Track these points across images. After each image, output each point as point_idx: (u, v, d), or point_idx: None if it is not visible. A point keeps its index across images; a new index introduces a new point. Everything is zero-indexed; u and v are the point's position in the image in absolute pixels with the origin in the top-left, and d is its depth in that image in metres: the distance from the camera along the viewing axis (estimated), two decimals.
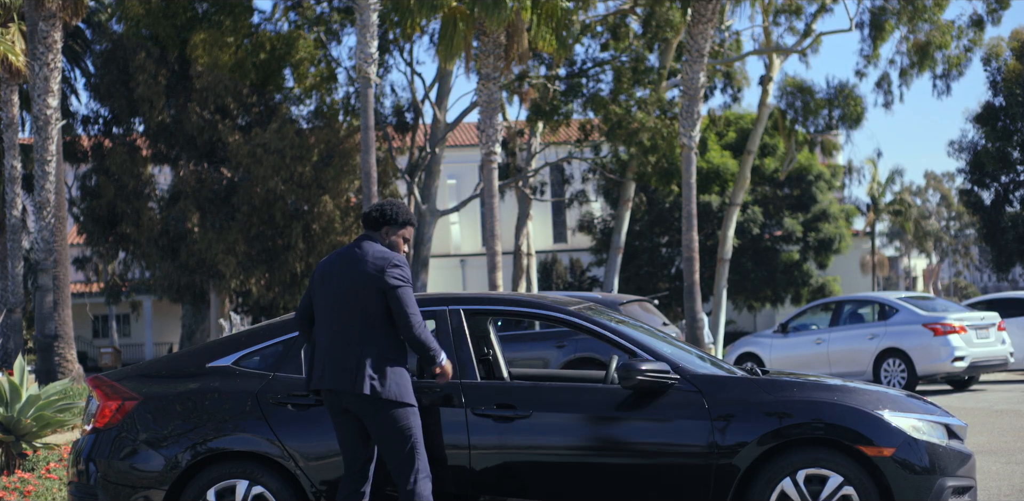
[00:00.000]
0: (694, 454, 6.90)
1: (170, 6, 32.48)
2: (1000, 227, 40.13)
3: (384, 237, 7.06)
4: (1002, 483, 9.95)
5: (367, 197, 24.07)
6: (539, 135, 36.85)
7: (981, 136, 40.23)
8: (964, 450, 7.23)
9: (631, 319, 8.18)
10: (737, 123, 43.58)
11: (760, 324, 48.90)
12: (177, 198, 33.60)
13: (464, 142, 49.72)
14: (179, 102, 33.19)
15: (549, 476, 7.00)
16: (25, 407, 10.79)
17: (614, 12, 34.58)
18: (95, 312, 49.76)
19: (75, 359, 23.19)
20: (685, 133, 27.37)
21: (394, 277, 6.81)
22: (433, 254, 40.92)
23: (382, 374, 6.74)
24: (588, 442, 7.02)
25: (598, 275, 47.15)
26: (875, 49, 34.21)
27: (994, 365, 19.98)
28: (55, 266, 23.14)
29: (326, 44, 34.59)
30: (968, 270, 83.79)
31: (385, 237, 7.06)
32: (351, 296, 6.83)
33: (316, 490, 7.11)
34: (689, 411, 6.95)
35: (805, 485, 6.88)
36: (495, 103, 26.25)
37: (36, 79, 23.12)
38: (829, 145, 40.47)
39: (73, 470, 7.48)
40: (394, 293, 6.79)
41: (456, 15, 25.27)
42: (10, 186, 25.19)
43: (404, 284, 6.83)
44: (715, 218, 41.01)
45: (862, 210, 56.38)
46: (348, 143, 33.42)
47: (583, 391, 7.19)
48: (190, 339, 35.67)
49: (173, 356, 7.79)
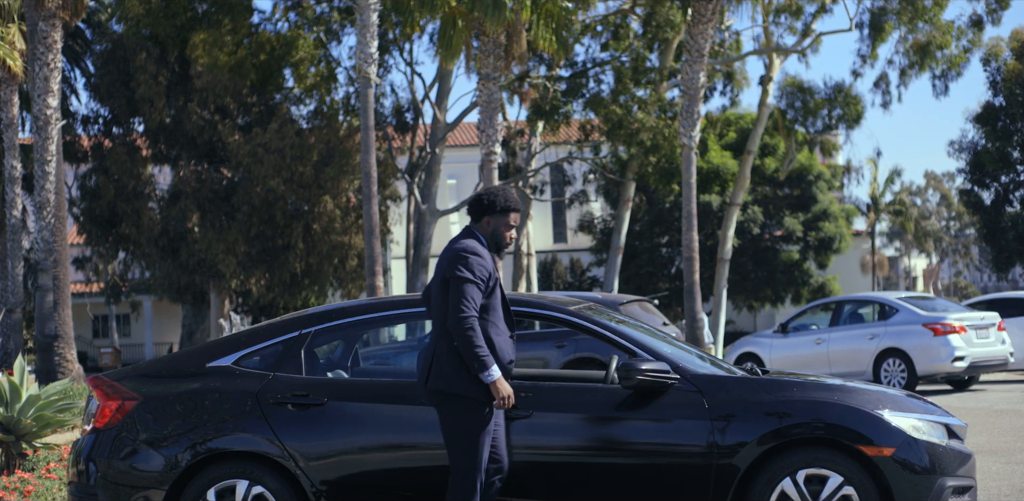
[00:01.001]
0: (694, 454, 6.90)
1: (170, 6, 32.48)
2: (1000, 227, 40.13)
3: (485, 227, 6.92)
4: (1002, 483, 9.95)
5: (367, 197, 24.06)
6: (539, 135, 36.86)
7: (981, 136, 40.23)
8: (964, 450, 7.23)
9: (631, 319, 8.18)
10: (737, 123, 43.58)
11: (760, 324, 48.90)
12: (177, 198, 33.60)
13: (464, 142, 49.72)
14: (179, 102, 33.19)
15: (549, 476, 7.00)
16: (25, 407, 10.79)
17: (614, 12, 34.59)
18: (95, 312, 49.76)
19: (75, 359, 23.20)
20: (685, 133, 27.38)
21: (457, 267, 6.68)
22: (433, 254, 40.87)
23: (443, 365, 6.67)
24: (588, 442, 7.02)
25: (598, 275, 47.15)
26: (873, 49, 34.23)
27: (994, 365, 19.98)
28: (55, 266, 23.14)
29: (326, 44, 34.59)
30: (968, 270, 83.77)
31: (487, 227, 6.91)
32: (435, 289, 6.85)
33: (316, 490, 7.11)
34: (689, 411, 6.95)
35: (805, 485, 6.88)
36: (495, 103, 26.25)
37: (36, 79, 23.12)
38: (829, 145, 40.47)
39: (73, 470, 7.48)
40: (451, 284, 6.70)
41: (456, 15, 25.27)
42: (10, 186, 25.19)
43: (463, 275, 6.63)
44: (715, 218, 41.00)
45: (862, 210, 56.37)
46: (348, 143, 33.42)
47: (583, 391, 7.19)
48: (190, 339, 35.66)
49: (173, 356, 7.79)
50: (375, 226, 24.04)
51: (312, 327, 7.53)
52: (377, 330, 15.15)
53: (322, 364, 7.81)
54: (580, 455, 7.01)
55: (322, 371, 7.62)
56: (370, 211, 24.02)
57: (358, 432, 7.12)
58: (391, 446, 7.10)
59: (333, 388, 7.30)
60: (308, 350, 7.46)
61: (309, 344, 7.48)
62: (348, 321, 7.60)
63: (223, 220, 32.92)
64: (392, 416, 7.12)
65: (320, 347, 7.83)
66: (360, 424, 7.13)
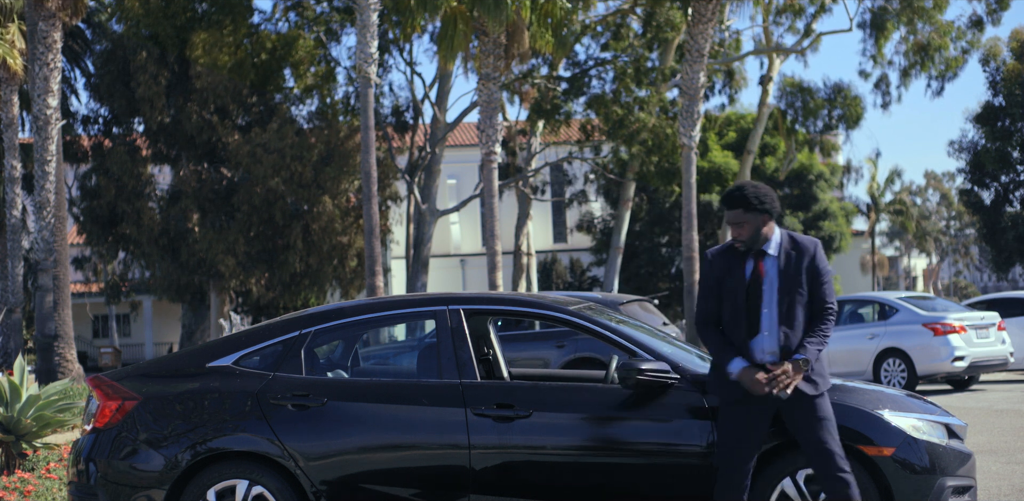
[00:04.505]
0: (694, 454, 6.90)
1: (170, 6, 32.48)
2: (1000, 227, 40.14)
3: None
4: (1002, 483, 9.95)
5: (367, 197, 24.07)
6: (539, 135, 36.87)
7: (981, 136, 40.25)
8: (964, 450, 7.22)
9: (631, 319, 8.17)
10: (737, 123, 43.61)
11: None
12: (177, 198, 33.61)
13: (464, 142, 49.73)
14: (179, 102, 33.20)
15: (549, 476, 7.00)
16: (25, 407, 10.78)
17: (614, 12, 34.60)
18: (95, 312, 49.76)
19: (75, 359, 23.21)
20: (685, 133, 27.39)
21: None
22: (433, 254, 40.92)
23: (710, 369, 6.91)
24: (588, 442, 7.01)
25: (598, 275, 47.15)
26: (879, 49, 34.25)
27: (994, 365, 19.97)
28: (55, 266, 23.15)
29: (326, 44, 34.61)
30: (968, 270, 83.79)
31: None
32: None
33: (316, 490, 7.11)
34: (689, 411, 6.95)
35: (805, 485, 6.87)
36: (495, 103, 26.25)
37: (36, 79, 23.12)
38: (829, 145, 40.52)
39: (73, 470, 7.48)
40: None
41: (456, 15, 25.28)
42: (10, 186, 25.19)
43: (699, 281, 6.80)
44: (715, 218, 41.01)
45: (862, 210, 56.39)
46: (348, 143, 33.44)
47: (583, 391, 7.19)
48: (190, 339, 35.66)
49: (173, 356, 7.78)
50: (375, 226, 24.04)
51: (312, 327, 7.52)
52: (377, 330, 15.16)
53: (322, 364, 7.81)
54: (580, 455, 7.01)
55: (322, 371, 7.61)
56: (370, 211, 24.02)
57: (358, 432, 7.12)
58: (391, 446, 7.10)
59: (333, 388, 7.30)
60: (308, 350, 7.46)
61: (309, 344, 7.47)
62: (348, 321, 7.59)
63: (223, 220, 32.93)
64: (392, 416, 7.12)
65: (320, 347, 7.83)
66: (360, 424, 7.13)
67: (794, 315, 6.75)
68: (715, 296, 6.78)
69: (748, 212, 6.69)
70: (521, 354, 14.60)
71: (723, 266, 6.78)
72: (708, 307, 6.81)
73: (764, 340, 6.72)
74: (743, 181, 6.92)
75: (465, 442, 7.00)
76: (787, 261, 6.77)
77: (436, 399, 7.10)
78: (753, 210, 6.68)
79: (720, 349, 6.73)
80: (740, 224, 6.71)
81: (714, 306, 6.80)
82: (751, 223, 6.71)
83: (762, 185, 6.84)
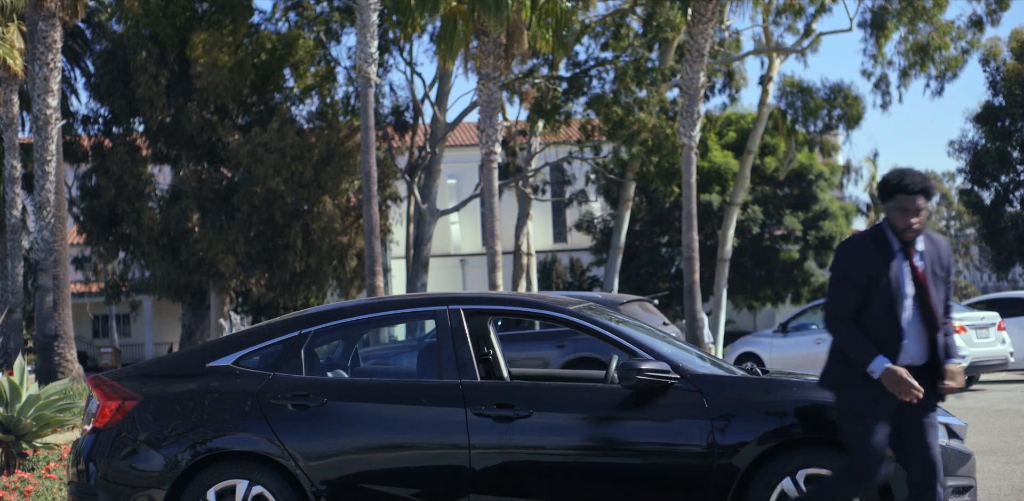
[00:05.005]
0: (694, 454, 6.90)
1: (170, 6, 32.47)
2: (1000, 227, 40.12)
3: (888, 214, 6.46)
4: (1002, 483, 9.95)
5: (367, 197, 24.07)
6: (539, 135, 36.86)
7: (981, 136, 40.23)
8: (964, 450, 7.22)
9: (631, 319, 8.17)
10: (737, 123, 43.59)
11: (760, 324, 48.90)
12: (177, 198, 33.60)
13: (464, 142, 49.71)
14: (179, 102, 33.19)
15: (549, 476, 7.00)
16: (25, 407, 10.79)
17: (614, 12, 34.59)
18: (95, 312, 49.75)
19: (75, 359, 23.22)
20: (685, 133, 27.38)
21: (832, 264, 6.57)
22: (433, 254, 40.91)
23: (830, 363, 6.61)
24: (588, 442, 7.01)
25: (598, 275, 47.14)
26: (880, 48, 34.24)
27: (994, 365, 19.96)
28: (55, 266, 23.15)
29: (326, 44, 34.60)
30: (968, 270, 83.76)
31: (888, 214, 6.46)
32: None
33: (316, 490, 7.11)
34: (689, 411, 6.94)
35: (805, 485, 6.88)
36: (495, 103, 26.25)
37: (36, 79, 23.13)
38: (829, 145, 40.50)
39: (73, 470, 7.48)
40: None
41: (456, 15, 25.27)
42: (10, 186, 25.20)
43: (835, 273, 6.43)
44: (715, 218, 40.99)
45: (862, 210, 56.38)
46: (348, 143, 33.43)
47: (583, 391, 7.19)
48: (190, 339, 35.66)
49: (173, 356, 7.79)
50: (375, 226, 24.04)
51: (312, 327, 7.53)
52: (377, 330, 15.16)
53: (322, 364, 7.81)
54: (580, 455, 7.01)
55: (322, 371, 7.62)
56: (370, 211, 24.02)
57: (358, 432, 7.12)
58: (391, 446, 7.10)
59: (333, 388, 7.30)
60: (308, 350, 7.46)
61: (309, 344, 7.48)
62: (348, 321, 7.60)
63: (223, 220, 32.92)
64: (392, 416, 7.13)
65: (320, 347, 7.83)
66: (360, 424, 7.13)
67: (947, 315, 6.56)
68: (862, 290, 6.37)
69: (928, 201, 6.37)
70: (521, 354, 14.60)
71: (876, 260, 6.39)
72: (849, 302, 6.39)
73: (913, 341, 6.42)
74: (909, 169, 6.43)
75: (465, 442, 7.00)
76: (932, 256, 6.51)
77: (436, 399, 7.10)
78: (931, 198, 6.39)
79: (859, 346, 6.36)
80: (918, 211, 6.33)
81: (856, 301, 6.39)
82: (926, 212, 6.41)
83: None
